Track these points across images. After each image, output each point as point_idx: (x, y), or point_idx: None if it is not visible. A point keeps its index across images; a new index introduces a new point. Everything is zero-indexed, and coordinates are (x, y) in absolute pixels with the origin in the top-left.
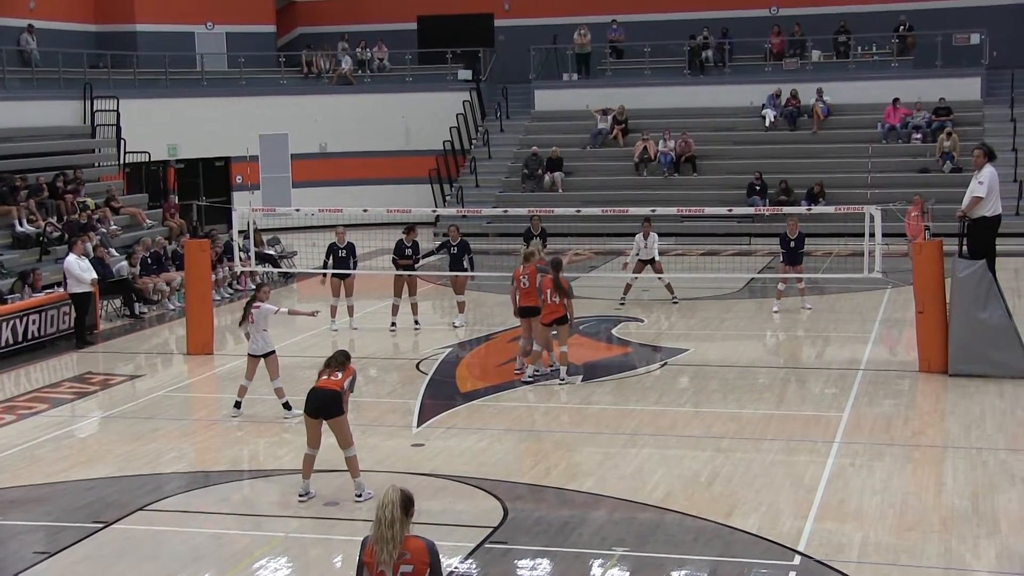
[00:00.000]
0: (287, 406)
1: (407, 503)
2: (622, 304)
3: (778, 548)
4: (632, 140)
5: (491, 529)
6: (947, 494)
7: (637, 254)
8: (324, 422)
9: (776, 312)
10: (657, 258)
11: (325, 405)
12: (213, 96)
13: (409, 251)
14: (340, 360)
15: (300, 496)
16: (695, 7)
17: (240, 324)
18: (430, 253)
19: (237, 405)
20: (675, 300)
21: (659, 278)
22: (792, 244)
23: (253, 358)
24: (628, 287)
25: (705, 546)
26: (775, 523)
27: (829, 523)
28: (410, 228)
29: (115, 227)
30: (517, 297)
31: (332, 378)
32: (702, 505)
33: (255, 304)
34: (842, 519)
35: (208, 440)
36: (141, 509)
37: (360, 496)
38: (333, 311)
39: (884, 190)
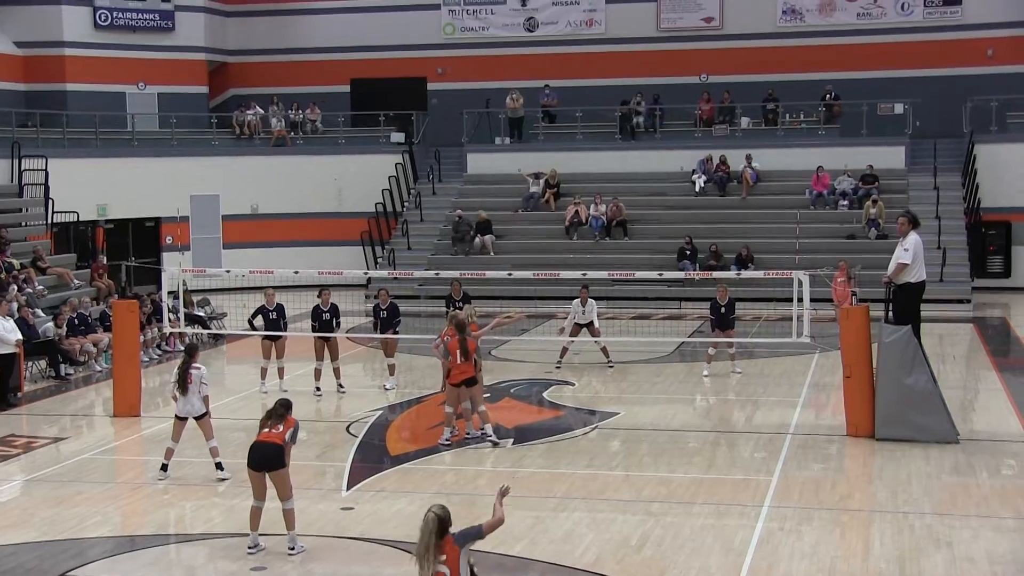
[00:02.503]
0: (220, 466)
1: (442, 527)
2: (558, 367)
3: None
4: (564, 204)
5: None
6: (874, 559)
7: (574, 319)
8: (267, 475)
9: (706, 376)
10: (596, 323)
11: (267, 458)
12: (144, 156)
13: (327, 315)
14: (280, 412)
15: (249, 548)
16: (627, 73)
17: (177, 389)
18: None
19: (164, 468)
20: (611, 364)
21: (596, 341)
22: (723, 310)
23: (180, 420)
24: (564, 351)
25: None
26: None
27: None
28: (323, 291)
29: (41, 287)
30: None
31: (274, 431)
32: (632, 569)
33: (194, 365)
34: None
35: (134, 504)
36: (63, 575)
37: (293, 549)
38: (263, 373)
39: (812, 255)
